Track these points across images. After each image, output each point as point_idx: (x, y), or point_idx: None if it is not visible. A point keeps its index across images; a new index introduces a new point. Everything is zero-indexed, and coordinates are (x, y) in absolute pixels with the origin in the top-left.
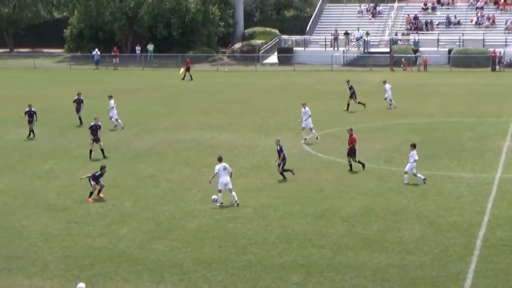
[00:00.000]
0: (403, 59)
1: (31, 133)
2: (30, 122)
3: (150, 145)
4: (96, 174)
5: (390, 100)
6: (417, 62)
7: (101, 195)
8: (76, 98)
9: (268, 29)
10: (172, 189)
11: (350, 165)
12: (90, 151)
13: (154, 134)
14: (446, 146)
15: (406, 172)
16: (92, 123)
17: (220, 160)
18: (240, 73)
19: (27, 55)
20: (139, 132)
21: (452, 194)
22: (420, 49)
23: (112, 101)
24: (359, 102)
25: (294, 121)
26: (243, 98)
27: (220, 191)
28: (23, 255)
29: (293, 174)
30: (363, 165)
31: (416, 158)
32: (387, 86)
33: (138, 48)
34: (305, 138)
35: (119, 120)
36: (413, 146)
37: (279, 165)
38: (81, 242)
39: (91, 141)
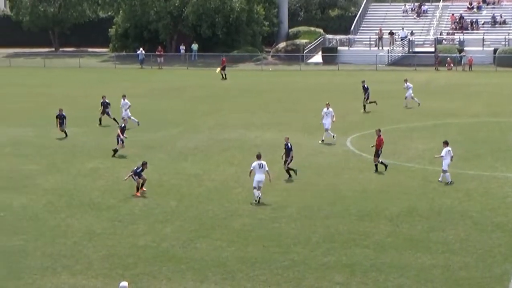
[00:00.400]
0: (448, 58)
1: (64, 134)
2: (61, 124)
3: (194, 144)
4: (138, 170)
5: (412, 98)
6: (462, 62)
7: (144, 188)
8: (101, 101)
9: (312, 28)
10: (216, 188)
11: (377, 165)
12: (116, 150)
13: (199, 133)
14: (491, 146)
15: (444, 171)
16: (122, 124)
17: (258, 157)
18: (285, 72)
19: (72, 54)
20: (183, 131)
21: (497, 195)
22: (465, 48)
23: (126, 101)
24: (369, 102)
25: (338, 121)
26: (287, 97)
27: (254, 188)
28: (68, 253)
29: (296, 174)
30: (386, 166)
31: (442, 154)
32: (409, 84)
33: (182, 48)
34: (334, 136)
35: (132, 118)
36: (446, 143)
37: (285, 162)
38: (125, 241)
39: (118, 142)
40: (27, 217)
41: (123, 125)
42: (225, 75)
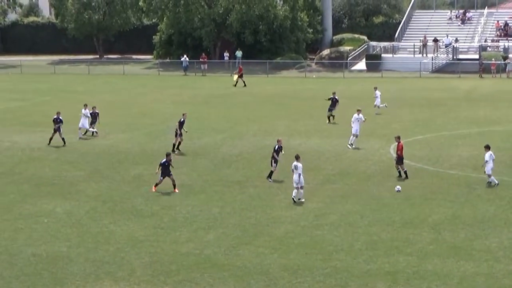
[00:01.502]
0: (493, 59)
1: (62, 140)
2: (57, 129)
3: (238, 150)
4: (162, 161)
5: (378, 107)
6: (507, 69)
7: (176, 190)
8: (91, 111)
9: (356, 35)
10: (259, 195)
11: (399, 173)
12: (174, 144)
13: (242, 139)
14: None
15: (489, 175)
16: (181, 119)
17: (296, 158)
18: (328, 79)
19: (117, 61)
20: (227, 138)
21: None
22: (510, 55)
23: (86, 110)
24: (330, 114)
25: (383, 128)
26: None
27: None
28: (111, 260)
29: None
30: (407, 175)
31: (486, 159)
32: (378, 92)
33: (226, 55)
34: (351, 144)
35: (90, 129)
36: (487, 147)
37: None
38: (167, 247)
39: (176, 135)
40: (70, 223)
41: (182, 119)
42: (244, 82)
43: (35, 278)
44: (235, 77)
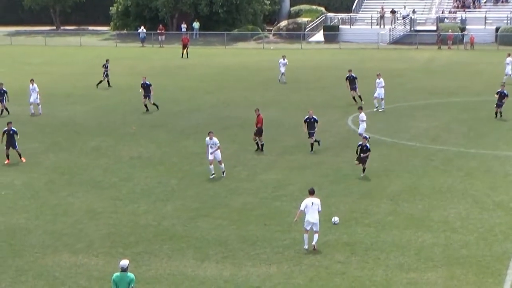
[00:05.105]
0: (450, 30)
1: (5, 111)
2: (1, 101)
3: (196, 122)
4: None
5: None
6: (464, 41)
7: (23, 159)
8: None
9: (314, 7)
10: (218, 166)
11: (257, 144)
12: (145, 105)
13: (201, 111)
14: (493, 124)
15: (360, 134)
16: (143, 82)
17: (209, 134)
18: (286, 51)
19: (74, 32)
20: (185, 110)
21: (499, 173)
22: (467, 27)
23: (34, 86)
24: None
25: (341, 99)
26: (288, 76)
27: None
28: (69, 232)
29: (319, 145)
30: (261, 147)
31: (364, 119)
32: (285, 61)
33: (183, 26)
34: (377, 107)
35: (39, 106)
36: (360, 108)
37: (311, 135)
38: (126, 219)
39: (143, 97)
40: (29, 195)
41: (142, 82)
42: (188, 53)
43: None
44: (184, 50)
